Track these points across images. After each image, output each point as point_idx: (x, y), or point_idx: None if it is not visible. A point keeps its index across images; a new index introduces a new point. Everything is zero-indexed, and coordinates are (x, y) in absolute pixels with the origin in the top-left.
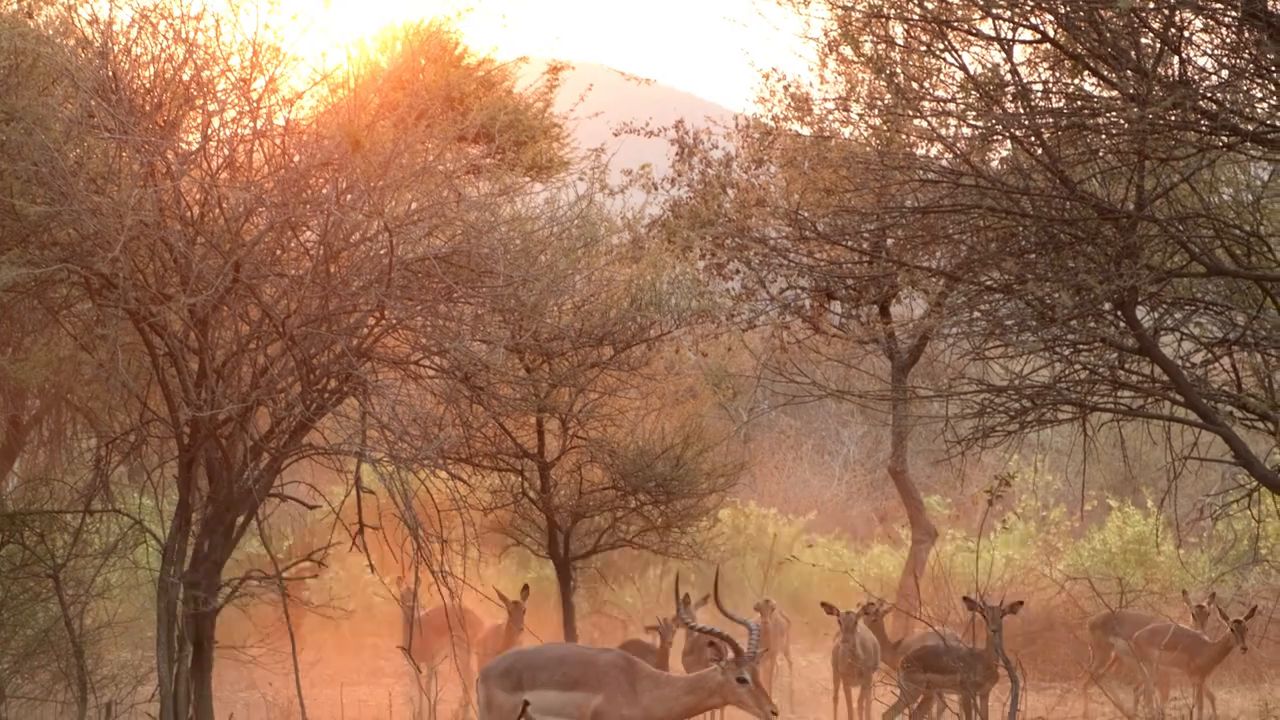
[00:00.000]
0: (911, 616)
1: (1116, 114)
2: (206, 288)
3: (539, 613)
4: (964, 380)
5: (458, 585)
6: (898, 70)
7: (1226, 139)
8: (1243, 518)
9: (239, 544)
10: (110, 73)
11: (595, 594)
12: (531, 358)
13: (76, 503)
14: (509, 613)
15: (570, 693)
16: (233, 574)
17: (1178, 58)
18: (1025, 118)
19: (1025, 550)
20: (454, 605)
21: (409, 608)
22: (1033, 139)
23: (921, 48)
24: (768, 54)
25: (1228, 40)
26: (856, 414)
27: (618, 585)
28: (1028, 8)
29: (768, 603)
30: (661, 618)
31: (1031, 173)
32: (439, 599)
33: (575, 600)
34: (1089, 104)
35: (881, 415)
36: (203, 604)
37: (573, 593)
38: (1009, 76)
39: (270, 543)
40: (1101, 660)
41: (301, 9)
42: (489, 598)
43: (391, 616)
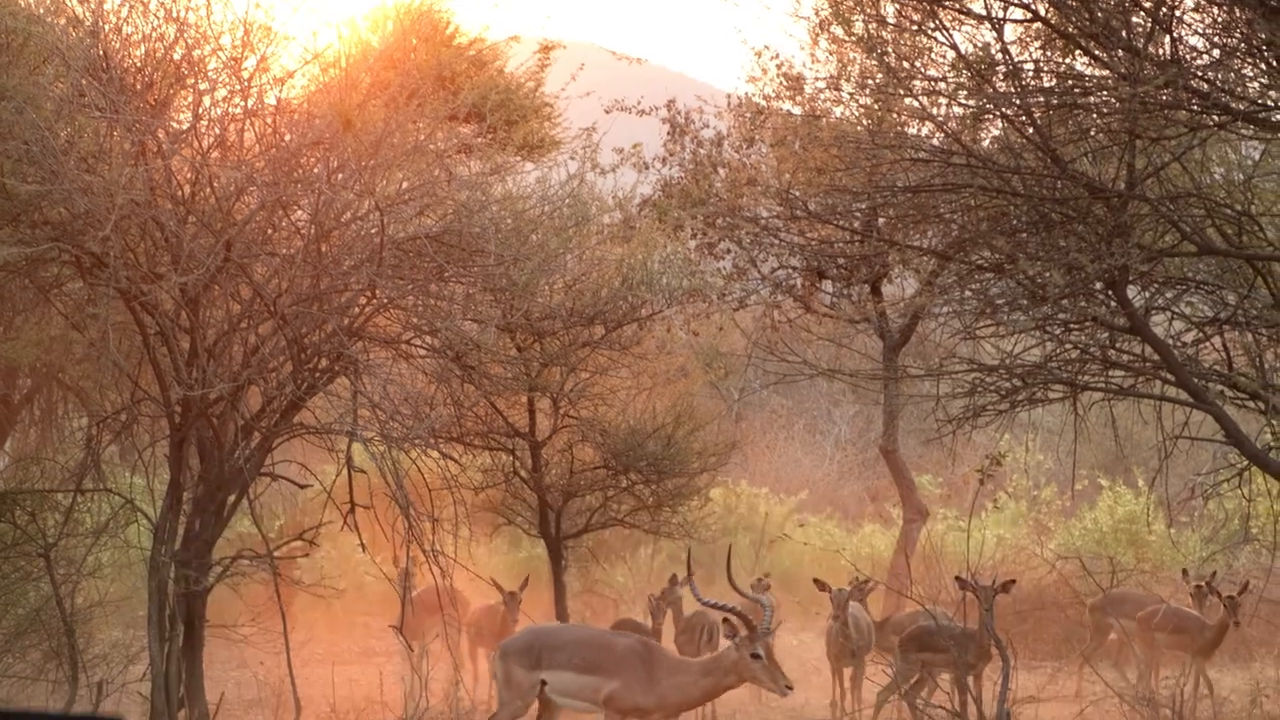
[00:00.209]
0: (903, 595)
1: (1108, 93)
2: (198, 267)
3: (530, 592)
4: (955, 359)
5: (449, 565)
6: (889, 49)
7: (1218, 118)
8: (1234, 497)
9: (230, 523)
10: (101, 51)
11: (586, 573)
12: (523, 337)
13: (68, 482)
14: (505, 602)
15: (586, 676)
16: (224, 553)
17: (1169, 37)
18: (1016, 97)
19: (1016, 529)
20: (444, 584)
21: (407, 587)
22: (1024, 118)
23: (912, 27)
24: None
25: (1219, 19)
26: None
27: (609, 564)
28: None
29: (765, 578)
30: (652, 595)
31: (1023, 152)
32: (430, 578)
33: (566, 579)
34: (1080, 83)
35: (873, 394)
36: (194, 583)
37: (564, 572)
38: (1000, 55)
39: (261, 522)
40: (1100, 641)
41: None
42: (480, 577)
43: (383, 596)
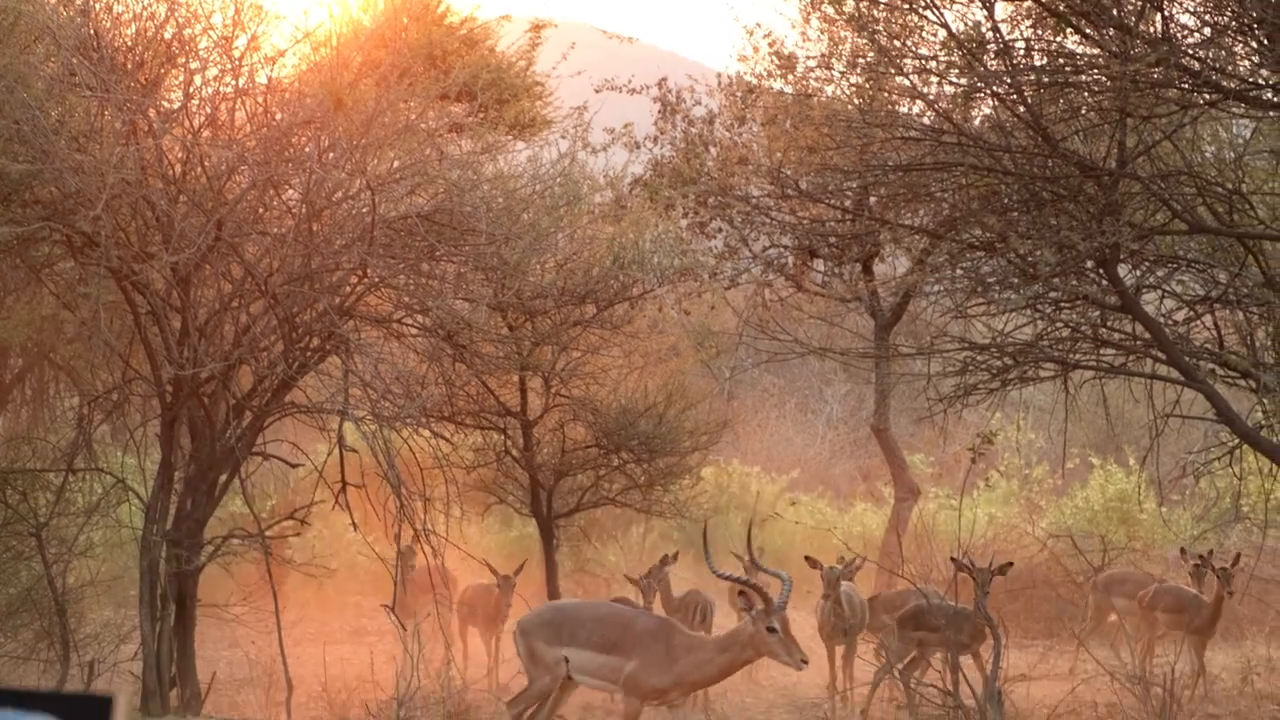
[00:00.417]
0: (894, 574)
1: (1099, 71)
2: (189, 246)
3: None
4: (946, 338)
5: (440, 544)
6: (880, 28)
7: (1209, 96)
8: (1225, 475)
9: (221, 502)
10: (92, 31)
11: (578, 552)
12: (514, 316)
13: (59, 461)
14: (499, 586)
15: (605, 655)
16: (215, 532)
17: (1160, 14)
18: (1007, 75)
19: (1008, 508)
20: (436, 564)
21: (409, 566)
22: (1015, 97)
23: (904, 5)
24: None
25: None
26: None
27: (600, 543)
28: None
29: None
30: (641, 575)
31: (1014, 130)
32: (420, 557)
33: (558, 558)
34: (1071, 61)
35: (864, 373)
36: (185, 563)
37: (555, 550)
38: (991, 34)
39: (253, 501)
40: (1100, 620)
41: None
42: (472, 557)
43: (374, 575)
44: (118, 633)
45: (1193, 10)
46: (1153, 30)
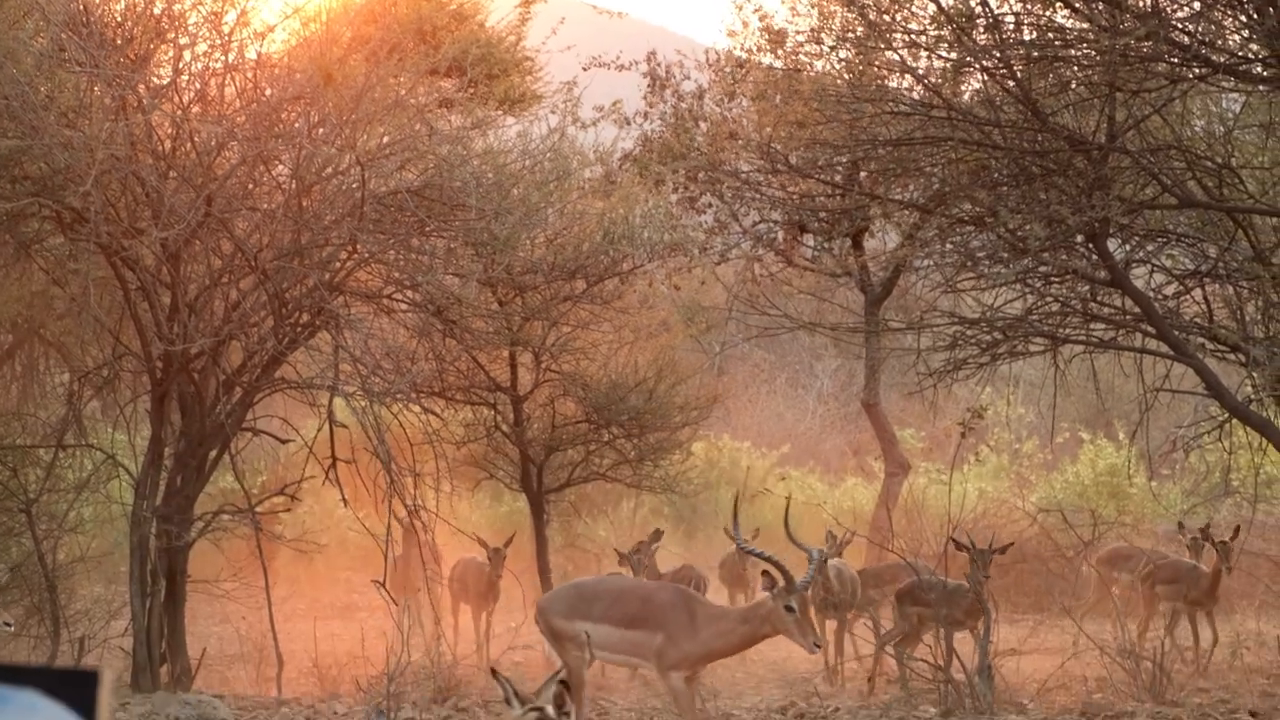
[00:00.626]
0: (884, 549)
1: (1088, 45)
2: (178, 222)
3: (512, 547)
4: (936, 313)
5: (431, 519)
6: (869, 2)
7: (1198, 70)
8: (1215, 449)
9: (212, 478)
10: (81, 6)
11: (569, 527)
12: (504, 291)
13: (49, 437)
14: (489, 559)
15: (628, 630)
16: (205, 508)
17: None
18: (997, 50)
19: (998, 483)
20: (427, 539)
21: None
22: (1004, 71)
23: None
24: None
25: None
26: (830, 347)
27: (591, 518)
28: None
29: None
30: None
31: (1003, 105)
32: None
33: (548, 533)
34: (1060, 35)
35: (855, 348)
36: (175, 538)
37: (546, 526)
38: (980, 8)
39: (243, 477)
40: (1103, 595)
41: None
42: (462, 532)
43: (364, 550)
44: (108, 609)
45: None
46: (1142, 4)
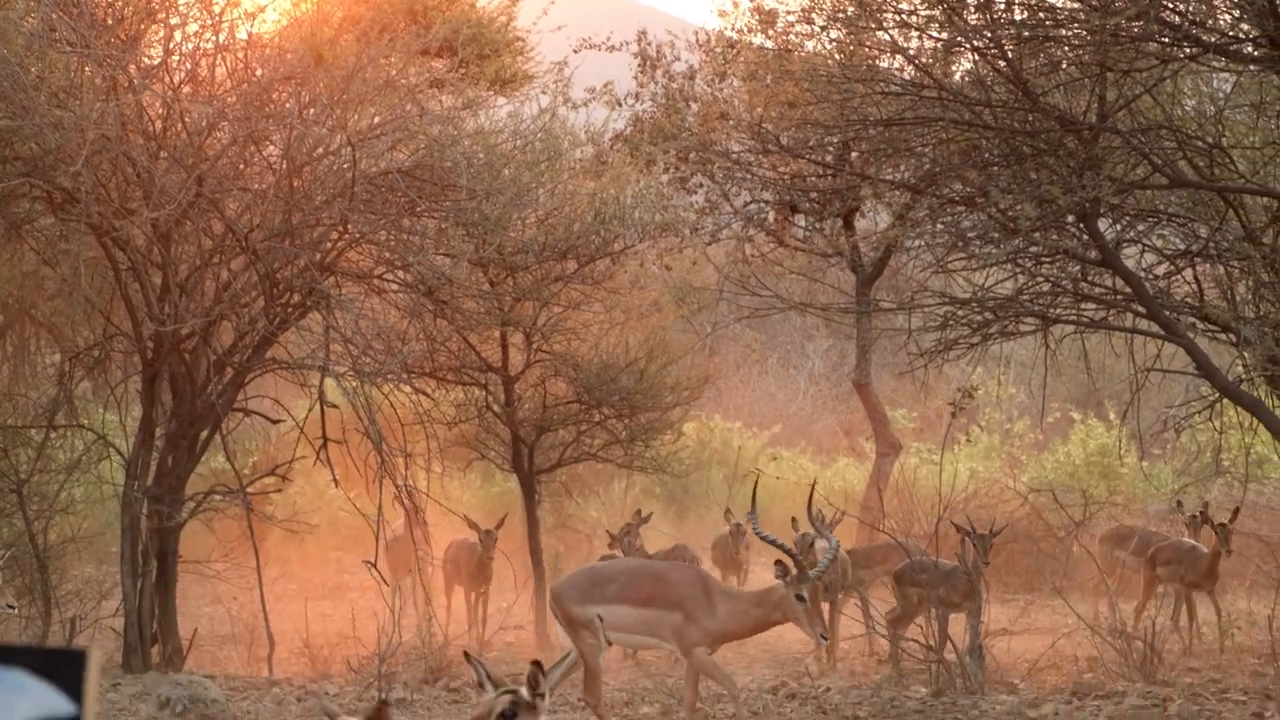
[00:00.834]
0: (875, 529)
1: (1079, 25)
2: (169, 202)
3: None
4: (927, 293)
5: (423, 500)
6: None
7: (1189, 50)
8: (1205, 429)
9: (203, 459)
10: None
11: (560, 507)
12: (495, 271)
13: (40, 418)
14: (480, 541)
15: (644, 610)
16: (196, 489)
17: None
18: (987, 29)
19: (989, 463)
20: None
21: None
22: (995, 51)
23: None
24: None
25: None
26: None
27: (582, 499)
28: None
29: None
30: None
31: (994, 85)
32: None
33: (540, 514)
34: (1051, 15)
35: (846, 328)
36: (166, 519)
37: (537, 506)
38: None
39: (234, 457)
40: (1109, 574)
41: None
42: (453, 512)
43: (355, 531)
44: (99, 589)
45: None
46: None
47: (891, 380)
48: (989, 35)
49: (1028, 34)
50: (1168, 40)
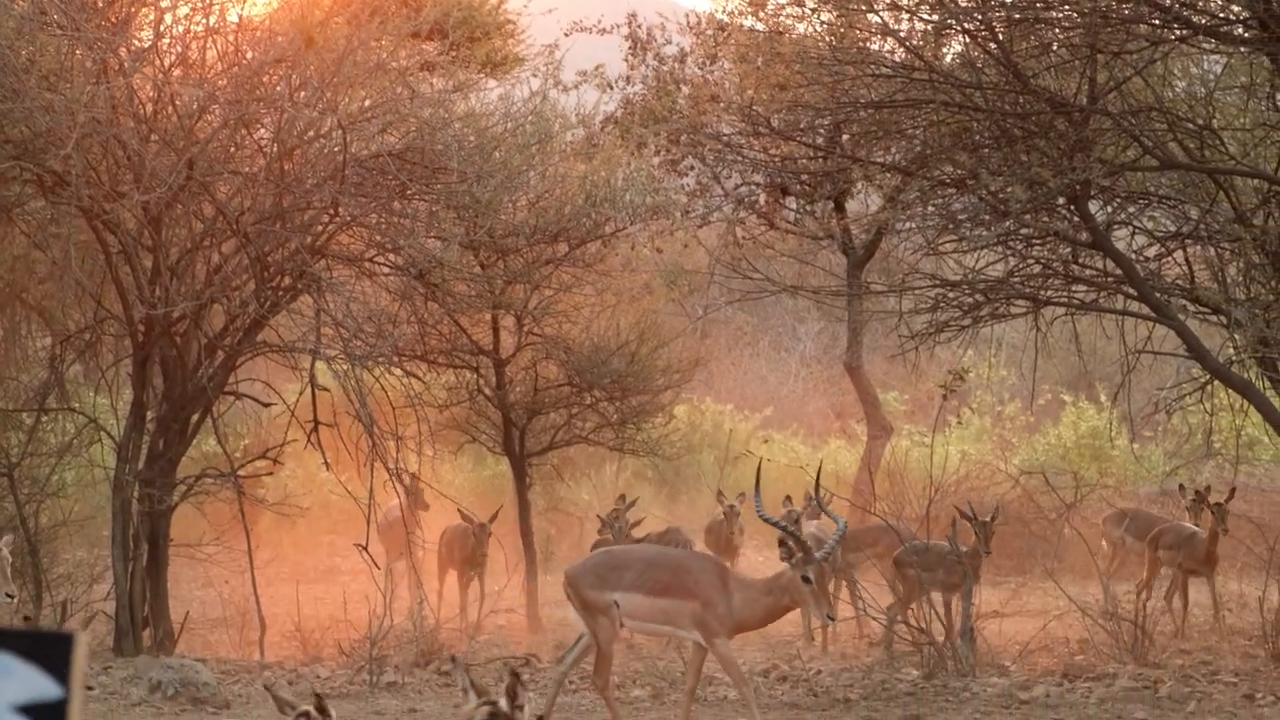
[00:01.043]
0: (867, 511)
1: (1069, 7)
2: (160, 185)
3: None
4: (918, 275)
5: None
6: None
7: (1179, 32)
8: (1196, 411)
9: (194, 442)
10: None
11: (551, 490)
12: (486, 254)
13: (31, 401)
14: (474, 534)
15: (660, 598)
16: (188, 472)
17: None
18: (978, 11)
19: (980, 445)
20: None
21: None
22: (986, 33)
23: None
24: None
25: None
26: (813, 310)
27: (574, 482)
28: None
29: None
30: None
31: (985, 67)
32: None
33: (531, 497)
34: None
35: (837, 311)
36: (158, 502)
37: (528, 489)
38: None
39: (225, 441)
40: (1115, 555)
41: None
42: (445, 496)
43: (347, 514)
44: (90, 573)
45: None
46: None
47: (883, 363)
48: (979, 17)
49: (1018, 16)
50: (1158, 22)
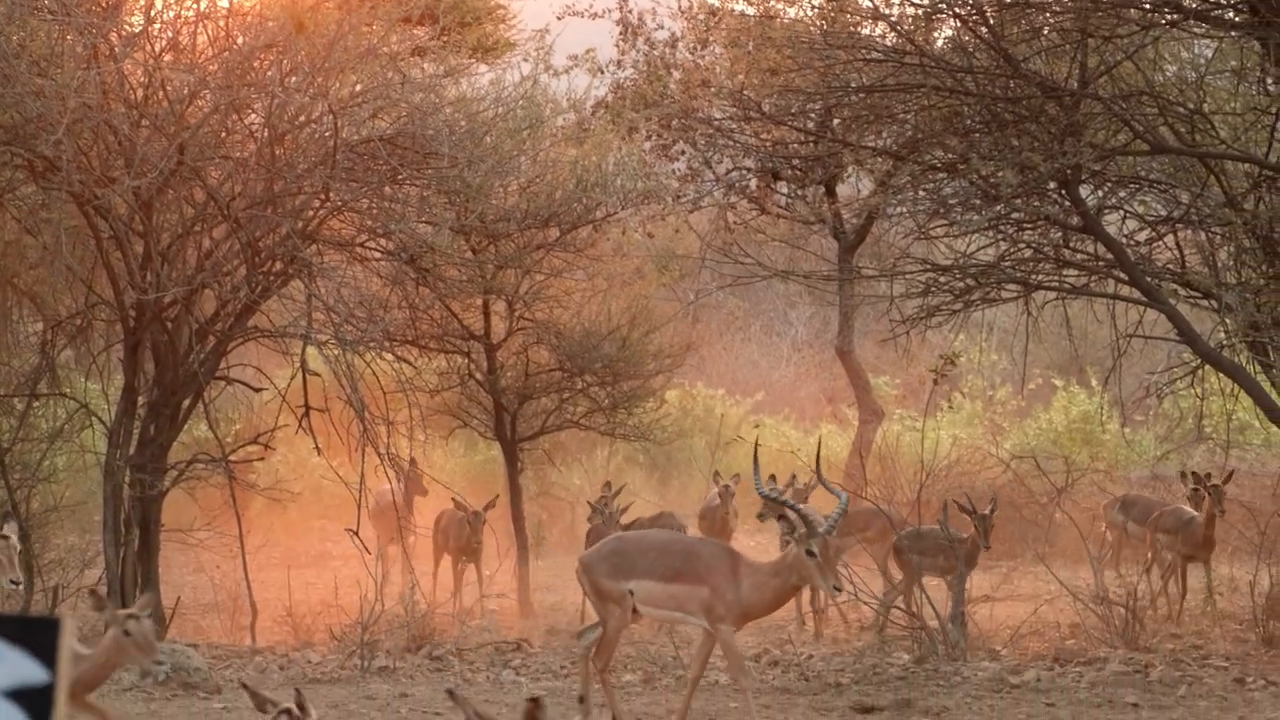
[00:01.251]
0: (858, 496)
1: None
2: (151, 170)
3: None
4: (909, 260)
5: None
6: None
7: (1170, 16)
8: (1187, 396)
9: (185, 427)
10: None
11: (542, 475)
12: (477, 239)
13: (22, 387)
14: (469, 522)
15: (672, 584)
16: (179, 457)
17: None
18: None
19: (972, 429)
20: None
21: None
22: (976, 17)
23: None
24: None
25: None
26: (804, 295)
27: (565, 466)
28: None
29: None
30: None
31: (975, 51)
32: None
33: (522, 482)
34: None
35: (829, 296)
36: (149, 487)
37: (520, 474)
38: None
39: (216, 426)
40: (1117, 541)
41: None
42: (437, 481)
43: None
44: (82, 558)
45: None
46: None
47: (874, 347)
48: (970, 2)
49: (1009, 0)
50: (1149, 6)
